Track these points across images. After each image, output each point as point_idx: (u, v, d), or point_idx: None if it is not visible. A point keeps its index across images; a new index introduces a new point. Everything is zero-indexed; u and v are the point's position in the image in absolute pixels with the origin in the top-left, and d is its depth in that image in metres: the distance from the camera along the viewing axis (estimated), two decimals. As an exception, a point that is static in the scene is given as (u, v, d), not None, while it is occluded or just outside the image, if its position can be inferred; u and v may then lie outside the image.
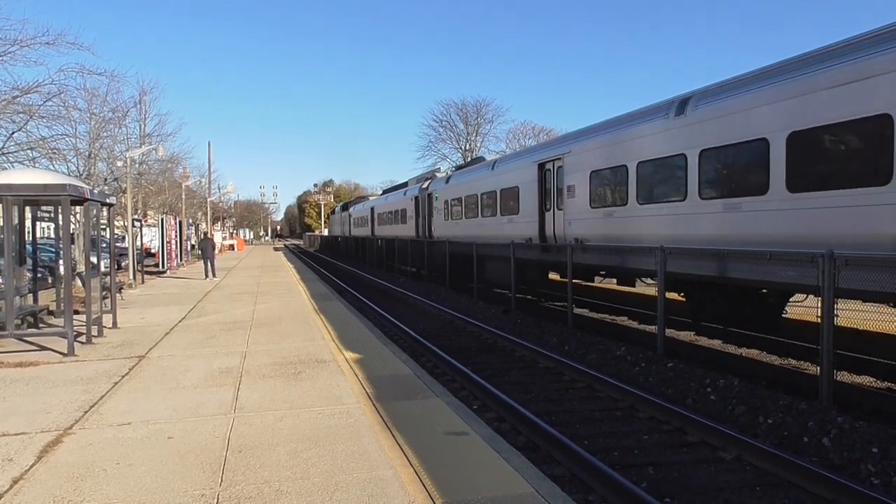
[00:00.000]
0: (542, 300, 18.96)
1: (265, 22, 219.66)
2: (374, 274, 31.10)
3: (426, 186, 28.99)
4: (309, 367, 8.18)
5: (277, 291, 18.68)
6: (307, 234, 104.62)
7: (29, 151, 17.33)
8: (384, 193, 46.62)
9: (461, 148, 71.73)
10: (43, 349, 9.71)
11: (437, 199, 26.72)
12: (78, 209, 11.99)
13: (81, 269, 12.42)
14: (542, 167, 16.53)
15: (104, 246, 13.15)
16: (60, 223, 10.38)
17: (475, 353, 11.74)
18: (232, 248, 62.35)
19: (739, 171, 9.89)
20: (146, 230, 32.75)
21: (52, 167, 18.30)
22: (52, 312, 12.16)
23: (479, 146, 70.87)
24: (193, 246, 39.45)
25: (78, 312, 10.62)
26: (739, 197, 9.71)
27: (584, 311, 16.03)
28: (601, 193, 13.81)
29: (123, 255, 25.93)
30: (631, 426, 7.47)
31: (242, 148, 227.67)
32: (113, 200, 12.29)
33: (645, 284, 13.82)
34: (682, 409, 7.61)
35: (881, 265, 7.00)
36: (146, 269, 25.99)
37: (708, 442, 6.71)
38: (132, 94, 36.69)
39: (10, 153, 16.81)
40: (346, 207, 61.89)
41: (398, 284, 25.23)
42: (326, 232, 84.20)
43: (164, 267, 28.64)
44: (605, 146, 13.67)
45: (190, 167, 42.98)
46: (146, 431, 5.59)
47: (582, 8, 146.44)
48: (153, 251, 35.11)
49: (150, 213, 38.15)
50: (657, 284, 10.64)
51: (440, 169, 36.53)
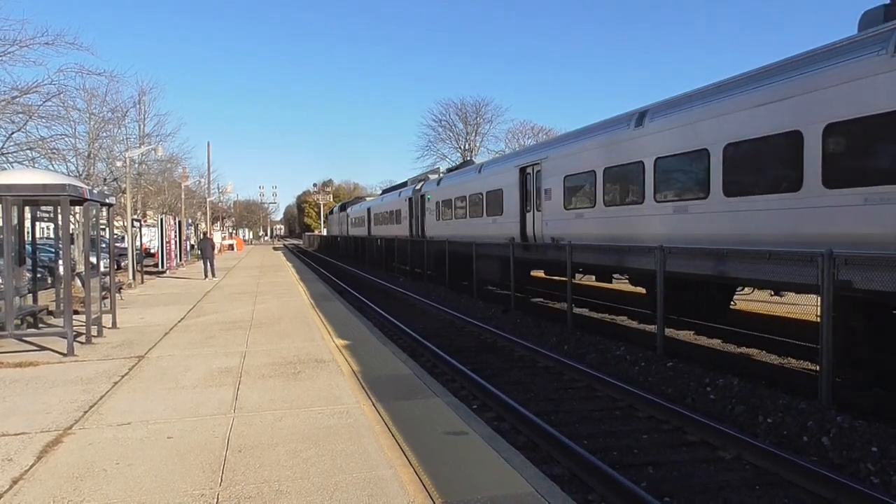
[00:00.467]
0: (528, 296, 19.79)
1: (265, 22, 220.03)
2: (373, 274, 31.10)
3: (419, 188, 30.06)
4: (308, 366, 8.18)
5: (277, 291, 18.67)
6: (307, 233, 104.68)
7: (28, 151, 17.35)
8: (383, 193, 46.98)
9: (460, 148, 71.72)
10: (42, 349, 9.71)
11: (429, 200, 27.75)
12: (77, 209, 12.00)
13: (81, 269, 12.41)
14: (523, 171, 17.58)
15: (104, 246, 13.15)
16: (60, 223, 10.38)
17: (475, 352, 11.74)
18: (231, 248, 62.33)
19: (687, 177, 11.02)
20: (145, 230, 32.72)
21: (51, 167, 18.32)
22: (51, 312, 12.16)
23: (478, 146, 70.92)
24: (193, 246, 39.44)
25: (77, 312, 10.61)
26: (687, 200, 10.89)
27: (584, 310, 16.08)
28: (574, 196, 14.90)
29: (123, 255, 25.94)
30: (630, 425, 7.47)
31: (242, 148, 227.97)
32: (112, 200, 12.29)
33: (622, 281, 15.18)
34: (681, 408, 7.61)
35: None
36: (145, 269, 25.98)
37: (708, 441, 6.71)
38: (131, 94, 36.76)
39: (9, 153, 16.82)
40: (343, 208, 62.83)
41: (398, 284, 25.24)
42: (325, 232, 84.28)
43: (163, 267, 28.63)
44: (576, 153, 14.75)
45: (189, 167, 43.07)
46: (146, 431, 5.59)
47: (582, 8, 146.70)
48: (152, 251, 35.12)
49: (149, 213, 38.14)
50: (657, 284, 10.64)
51: (440, 169, 36.98)
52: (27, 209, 11.97)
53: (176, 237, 30.73)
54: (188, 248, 37.36)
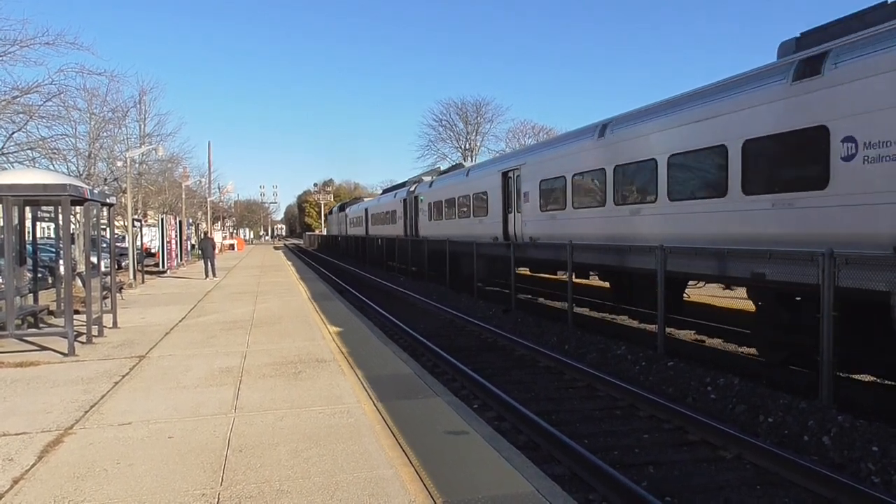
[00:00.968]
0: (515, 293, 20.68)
1: (265, 22, 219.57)
2: (373, 273, 31.12)
3: (413, 190, 31.38)
4: (309, 366, 8.18)
5: (277, 291, 18.68)
6: (307, 233, 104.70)
7: (29, 151, 17.35)
8: (384, 193, 47.33)
9: (461, 147, 71.72)
10: (43, 349, 9.71)
11: (422, 201, 29.11)
12: (78, 209, 11.99)
13: (81, 269, 12.41)
14: (505, 175, 18.89)
15: (104, 246, 13.15)
16: (60, 223, 10.38)
17: (475, 352, 11.74)
18: (232, 247, 62.37)
19: (639, 183, 12.24)
20: (146, 230, 32.74)
21: (52, 167, 18.31)
22: (52, 312, 12.17)
23: (478, 145, 70.92)
24: (193, 246, 39.44)
25: (78, 312, 10.62)
26: (639, 204, 12.12)
27: (584, 309, 16.09)
28: (548, 199, 16.14)
29: (124, 254, 25.90)
30: (631, 425, 7.47)
31: (242, 148, 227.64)
32: (113, 200, 12.29)
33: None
34: (682, 407, 7.61)
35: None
36: (146, 268, 25.99)
37: (708, 441, 6.71)
38: (132, 93, 36.77)
39: (10, 153, 16.82)
40: (342, 208, 63.87)
41: (398, 283, 25.25)
42: (325, 232, 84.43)
43: (164, 267, 28.62)
44: (550, 159, 16.06)
45: (190, 167, 42.99)
46: (147, 431, 5.59)
47: (582, 8, 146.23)
48: (153, 251, 35.08)
49: (150, 212, 38.13)
50: (657, 283, 10.66)
51: (440, 168, 37.47)
52: (28, 209, 11.98)
53: (177, 237, 30.73)
54: (189, 247, 37.35)
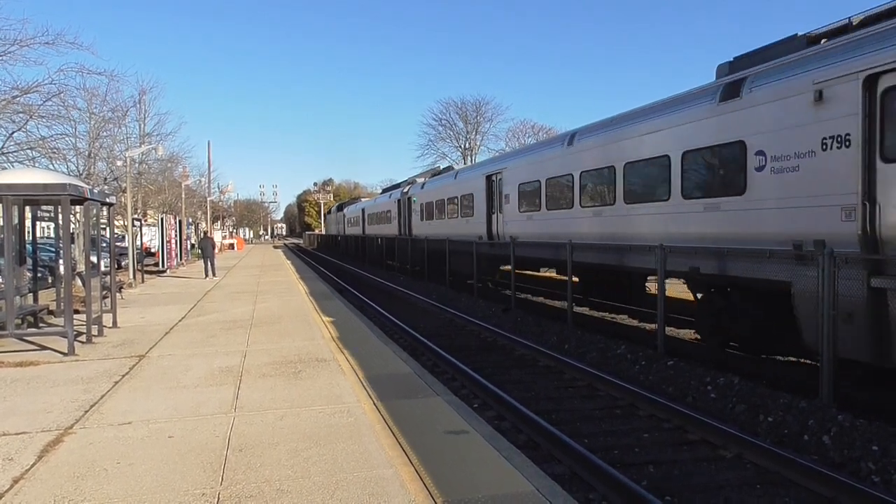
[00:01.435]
0: (499, 288, 22.16)
1: (265, 22, 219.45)
2: (373, 272, 31.11)
3: (407, 191, 32.75)
4: (309, 366, 8.18)
5: (277, 290, 18.68)
6: (307, 233, 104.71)
7: (29, 151, 17.36)
8: (383, 193, 47.55)
9: (461, 146, 71.74)
10: (43, 349, 9.71)
11: (414, 202, 30.36)
12: (78, 209, 11.98)
13: (81, 268, 12.41)
14: (489, 178, 20.18)
15: (104, 245, 13.14)
16: (60, 223, 10.37)
17: (475, 351, 11.74)
18: (232, 247, 62.35)
19: (601, 187, 13.53)
20: (146, 229, 32.70)
21: (51, 167, 18.31)
22: (52, 312, 12.16)
23: (478, 145, 70.94)
24: (193, 245, 39.43)
25: (78, 312, 10.61)
26: (602, 206, 13.43)
27: (584, 309, 16.09)
28: (525, 201, 17.37)
29: (123, 254, 25.88)
30: (631, 424, 7.47)
31: (242, 148, 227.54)
32: (113, 200, 12.29)
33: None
34: (682, 407, 7.61)
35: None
36: (146, 268, 25.98)
37: (708, 440, 6.71)
38: (132, 93, 36.62)
39: (9, 153, 16.83)
40: (340, 208, 64.79)
41: (398, 283, 25.24)
42: (324, 231, 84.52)
43: (163, 266, 28.61)
44: (528, 164, 17.32)
45: (190, 166, 43.01)
46: (147, 431, 5.59)
47: (582, 8, 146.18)
48: (153, 250, 35.05)
49: (149, 212, 38.13)
50: (657, 282, 10.69)
51: (439, 167, 37.71)
52: (28, 209, 11.97)
53: (176, 236, 30.73)
54: (189, 247, 37.35)
